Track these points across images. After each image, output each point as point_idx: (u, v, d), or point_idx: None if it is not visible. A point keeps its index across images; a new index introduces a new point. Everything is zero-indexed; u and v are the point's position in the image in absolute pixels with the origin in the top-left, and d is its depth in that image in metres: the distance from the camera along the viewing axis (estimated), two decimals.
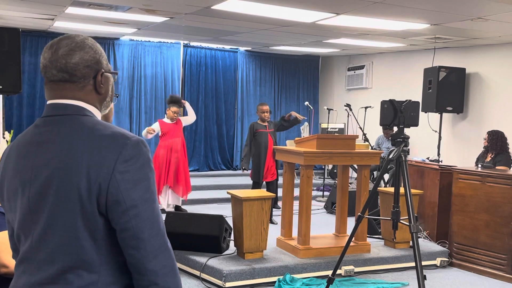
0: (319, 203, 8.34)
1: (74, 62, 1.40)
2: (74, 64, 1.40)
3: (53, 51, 1.41)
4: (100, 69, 1.45)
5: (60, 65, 1.40)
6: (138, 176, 1.34)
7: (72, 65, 1.40)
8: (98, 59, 1.45)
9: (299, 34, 7.71)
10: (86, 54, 1.42)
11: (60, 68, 1.40)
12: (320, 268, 4.88)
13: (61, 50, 1.40)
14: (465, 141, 8.12)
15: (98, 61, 1.45)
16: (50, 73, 1.41)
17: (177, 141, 6.90)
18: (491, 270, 5.14)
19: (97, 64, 1.44)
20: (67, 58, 1.40)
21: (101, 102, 1.49)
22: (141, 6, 5.91)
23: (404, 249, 5.44)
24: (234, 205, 4.92)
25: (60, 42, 1.42)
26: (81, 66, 1.41)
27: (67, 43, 1.42)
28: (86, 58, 1.42)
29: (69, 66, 1.40)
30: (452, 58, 8.26)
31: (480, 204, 5.23)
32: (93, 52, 1.44)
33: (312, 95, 11.34)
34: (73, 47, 1.41)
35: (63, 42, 1.42)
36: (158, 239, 1.36)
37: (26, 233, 1.39)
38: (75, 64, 1.40)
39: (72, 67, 1.40)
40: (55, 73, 1.40)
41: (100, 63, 1.45)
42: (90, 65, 1.43)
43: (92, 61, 1.43)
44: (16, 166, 1.41)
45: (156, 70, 9.81)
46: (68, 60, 1.40)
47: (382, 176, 4.45)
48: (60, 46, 1.41)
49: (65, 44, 1.41)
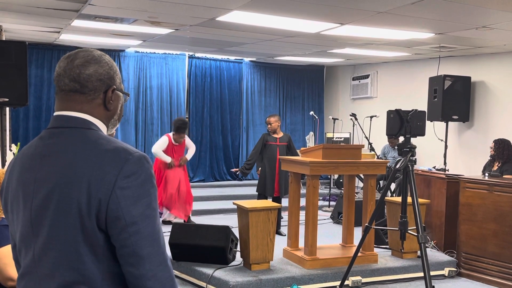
0: (326, 213, 8.31)
1: (88, 74, 1.40)
2: (87, 75, 1.40)
3: (69, 60, 1.42)
4: (112, 85, 1.45)
5: (73, 75, 1.40)
6: (139, 192, 1.32)
7: (85, 76, 1.40)
8: (111, 75, 1.45)
9: (304, 45, 7.73)
10: (101, 68, 1.43)
11: (73, 78, 1.40)
12: (327, 279, 4.84)
13: (77, 61, 1.41)
14: (471, 150, 8.08)
15: (112, 77, 1.45)
16: (62, 82, 1.41)
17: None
18: (500, 280, 5.09)
19: (110, 80, 1.44)
20: (82, 68, 1.40)
21: (108, 119, 1.48)
22: (146, 18, 5.95)
23: (411, 259, 5.39)
24: (240, 216, 4.91)
25: (77, 53, 1.43)
26: (94, 78, 1.41)
27: (84, 55, 1.42)
28: (100, 71, 1.42)
29: (82, 76, 1.40)
30: (457, 66, 8.25)
31: (488, 213, 5.19)
32: (108, 68, 1.44)
33: (317, 105, 11.34)
34: (89, 59, 1.42)
35: (81, 54, 1.43)
36: (158, 256, 1.34)
37: (27, 246, 1.38)
38: (88, 76, 1.40)
39: (85, 78, 1.40)
40: (67, 82, 1.40)
41: (113, 80, 1.46)
42: (103, 79, 1.43)
43: (105, 76, 1.43)
44: (20, 178, 1.41)
45: (161, 82, 9.85)
46: (82, 70, 1.40)
47: (389, 185, 4.43)
48: (77, 57, 1.42)
49: (82, 55, 1.42)
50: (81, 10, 5.53)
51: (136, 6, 5.30)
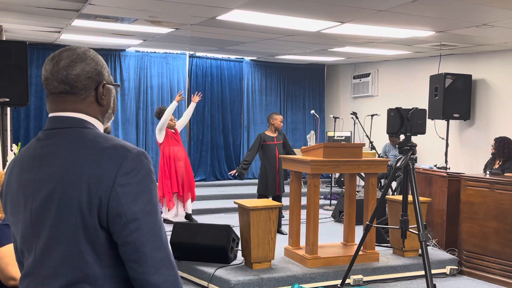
0: (327, 212, 8.30)
1: (75, 74, 1.40)
2: (75, 76, 1.40)
3: (54, 63, 1.40)
4: (102, 81, 1.45)
5: (61, 77, 1.39)
6: (139, 188, 1.32)
7: (73, 76, 1.39)
8: (99, 71, 1.44)
9: (304, 43, 7.73)
10: (88, 65, 1.42)
11: (61, 80, 1.39)
12: (328, 277, 4.85)
13: (62, 62, 1.40)
14: (473, 148, 8.08)
15: (100, 72, 1.44)
16: (51, 85, 1.40)
17: (180, 149, 7.00)
18: (502, 278, 5.08)
19: (98, 76, 1.44)
20: (68, 69, 1.39)
21: (103, 114, 1.48)
22: (146, 17, 5.95)
23: (413, 257, 5.39)
24: (241, 215, 4.91)
25: (61, 54, 1.42)
26: (83, 77, 1.40)
27: (68, 55, 1.41)
28: (87, 69, 1.41)
29: (70, 77, 1.39)
30: (458, 64, 8.24)
31: (489, 211, 5.19)
32: (94, 64, 1.43)
33: (318, 104, 11.34)
34: (74, 59, 1.41)
35: (64, 54, 1.41)
36: (160, 252, 1.34)
37: (28, 247, 1.39)
38: (76, 76, 1.40)
39: (73, 78, 1.39)
40: (56, 85, 1.40)
41: (102, 75, 1.45)
42: (92, 76, 1.42)
43: (93, 73, 1.42)
44: (19, 180, 1.41)
45: (162, 81, 9.85)
46: (69, 71, 1.39)
47: (390, 184, 4.43)
48: (61, 58, 1.41)
49: (66, 55, 1.41)
50: (81, 10, 5.53)
51: (136, 5, 5.30)
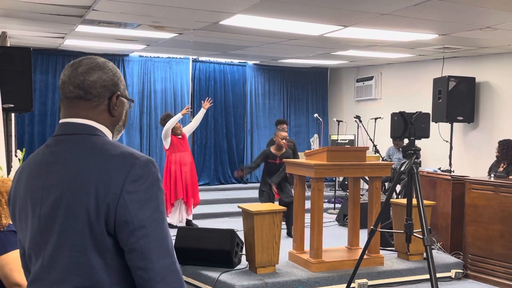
0: (331, 216, 8.29)
1: (92, 80, 1.42)
2: (92, 82, 1.42)
3: (73, 68, 1.44)
4: (116, 92, 1.47)
5: (77, 82, 1.42)
6: (146, 196, 1.33)
7: (90, 82, 1.42)
8: (115, 82, 1.47)
9: (307, 47, 7.73)
10: (105, 74, 1.44)
11: (77, 85, 1.42)
12: (333, 281, 4.83)
13: (81, 68, 1.43)
14: (477, 151, 8.05)
15: (116, 83, 1.47)
16: (67, 89, 1.43)
17: (186, 154, 7.00)
18: (507, 282, 5.06)
19: (114, 86, 1.46)
20: (86, 75, 1.42)
21: (113, 125, 1.49)
22: (150, 23, 5.97)
23: (418, 261, 5.37)
24: (245, 219, 4.91)
25: (81, 61, 1.45)
26: (98, 84, 1.43)
27: (88, 62, 1.44)
28: (104, 78, 1.44)
29: (86, 83, 1.42)
30: (461, 67, 8.23)
31: (494, 214, 5.16)
32: (112, 74, 1.46)
33: (321, 107, 11.34)
34: (93, 66, 1.44)
35: (85, 61, 1.45)
36: (167, 259, 1.34)
37: (36, 253, 1.39)
38: (92, 82, 1.42)
39: (89, 84, 1.42)
40: (72, 89, 1.42)
41: (117, 86, 1.47)
42: (107, 85, 1.44)
43: (109, 82, 1.45)
44: (28, 186, 1.42)
45: (165, 86, 9.87)
46: (87, 77, 1.42)
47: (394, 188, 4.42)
48: (81, 64, 1.44)
49: (86, 63, 1.44)
50: (85, 16, 5.56)
51: (140, 11, 5.32)
